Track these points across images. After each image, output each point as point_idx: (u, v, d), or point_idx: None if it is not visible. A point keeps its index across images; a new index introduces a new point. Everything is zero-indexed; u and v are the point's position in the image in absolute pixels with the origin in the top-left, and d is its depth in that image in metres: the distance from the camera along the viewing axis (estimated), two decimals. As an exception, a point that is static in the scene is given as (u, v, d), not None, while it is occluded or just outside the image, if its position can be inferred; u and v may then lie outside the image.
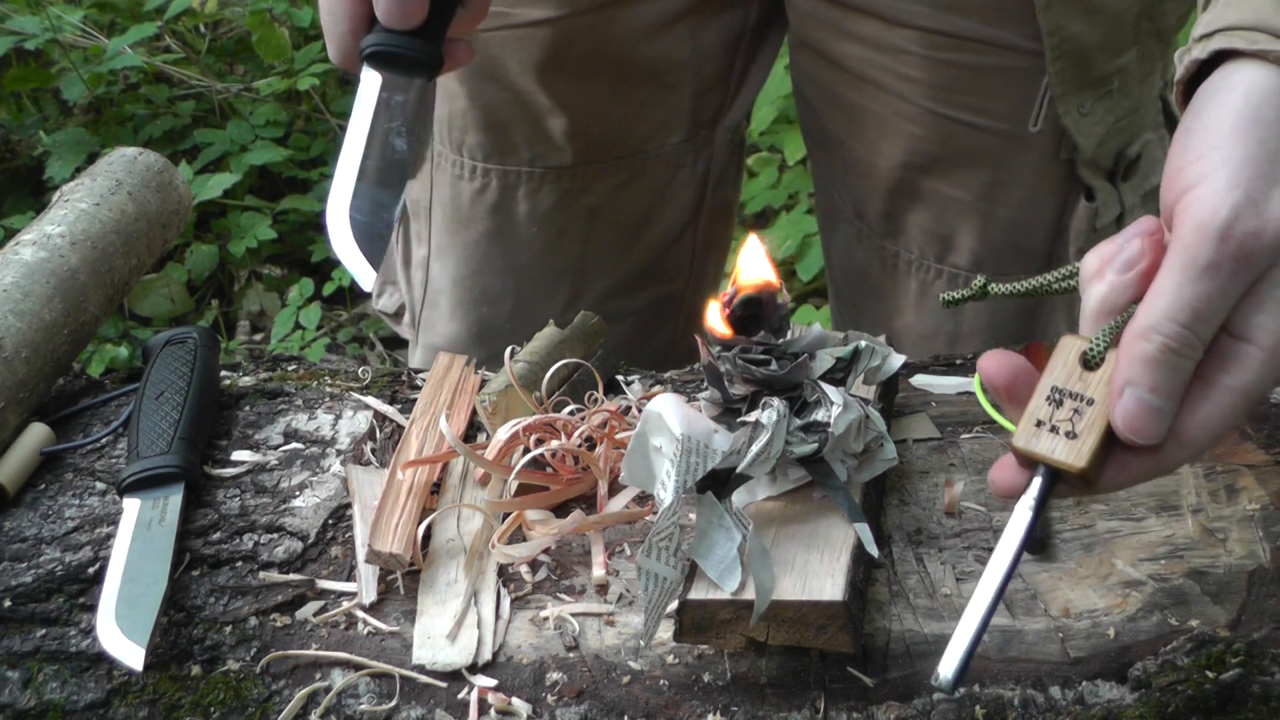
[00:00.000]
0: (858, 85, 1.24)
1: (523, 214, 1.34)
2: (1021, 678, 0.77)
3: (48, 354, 1.00)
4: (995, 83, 1.18)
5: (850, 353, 0.88)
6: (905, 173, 1.25)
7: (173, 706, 0.81)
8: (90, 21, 2.93)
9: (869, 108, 1.24)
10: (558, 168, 1.31)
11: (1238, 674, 0.75)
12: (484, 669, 0.80)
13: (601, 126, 1.30)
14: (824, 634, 0.76)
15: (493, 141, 1.31)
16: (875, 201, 1.29)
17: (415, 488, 0.90)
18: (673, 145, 1.34)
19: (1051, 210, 1.24)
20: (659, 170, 1.35)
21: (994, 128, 1.20)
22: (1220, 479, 0.88)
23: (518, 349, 1.01)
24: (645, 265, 1.41)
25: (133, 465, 0.92)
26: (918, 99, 1.21)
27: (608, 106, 1.30)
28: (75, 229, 1.07)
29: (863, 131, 1.26)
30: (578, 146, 1.30)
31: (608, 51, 1.26)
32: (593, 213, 1.35)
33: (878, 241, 1.31)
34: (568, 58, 1.25)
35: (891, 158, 1.25)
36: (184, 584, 0.87)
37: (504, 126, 1.30)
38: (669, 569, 0.77)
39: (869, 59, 1.21)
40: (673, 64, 1.29)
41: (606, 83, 1.28)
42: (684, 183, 1.38)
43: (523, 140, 1.30)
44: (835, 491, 0.82)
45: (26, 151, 2.88)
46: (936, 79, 1.19)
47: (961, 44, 1.17)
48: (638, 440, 0.82)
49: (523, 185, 1.32)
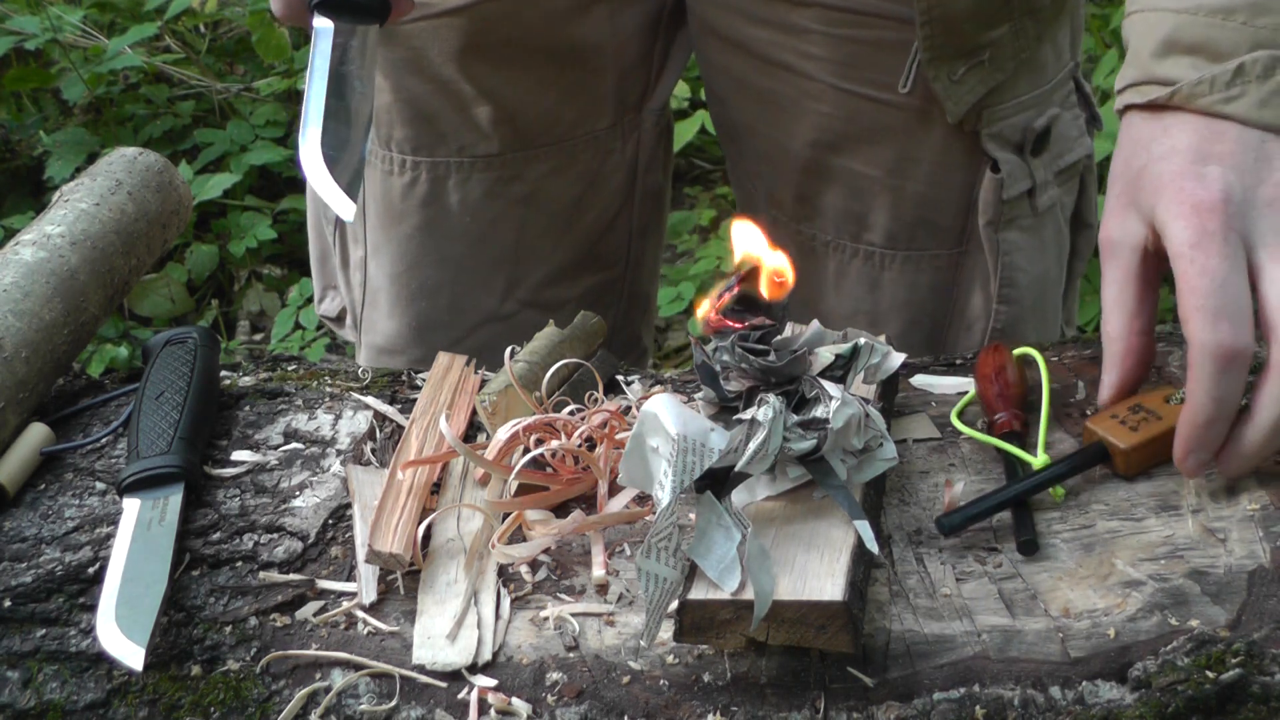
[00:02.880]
0: (765, 69, 1.25)
1: (454, 205, 1.34)
2: (1021, 678, 0.77)
3: (48, 354, 1.00)
4: (895, 57, 1.20)
5: (850, 350, 0.88)
6: (815, 152, 1.27)
7: (173, 706, 0.81)
8: (90, 21, 2.93)
9: (777, 90, 1.26)
10: (486, 156, 1.32)
11: (1238, 674, 0.75)
12: (484, 669, 0.80)
13: (528, 113, 1.31)
14: (824, 634, 0.76)
15: (420, 134, 1.32)
16: (788, 185, 1.31)
17: (415, 488, 0.90)
18: (600, 130, 1.36)
19: (960, 184, 1.26)
20: (588, 156, 1.36)
21: (897, 101, 1.22)
22: (1220, 479, 0.88)
23: (518, 349, 1.01)
24: (581, 253, 1.42)
25: (133, 465, 0.92)
26: (823, 76, 1.23)
27: (532, 92, 1.31)
28: (75, 229, 1.07)
29: (773, 116, 1.28)
30: (504, 134, 1.31)
31: (528, 37, 1.27)
32: (524, 201, 1.36)
33: (793, 226, 1.33)
34: (488, 44, 1.26)
35: (801, 138, 1.27)
36: (184, 584, 0.87)
37: (430, 118, 1.31)
38: (669, 569, 0.77)
39: (775, 41, 1.23)
40: (593, 47, 1.30)
41: (528, 68, 1.29)
42: (614, 168, 1.39)
43: (450, 131, 1.31)
44: (835, 490, 0.82)
45: (26, 151, 2.89)
46: (839, 55, 1.21)
47: (860, 19, 1.19)
48: (634, 441, 0.82)
49: (452, 176, 1.33)
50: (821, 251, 1.32)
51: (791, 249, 1.32)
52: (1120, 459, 0.88)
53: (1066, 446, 0.93)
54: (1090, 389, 0.98)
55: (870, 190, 1.27)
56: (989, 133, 1.22)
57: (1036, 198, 1.26)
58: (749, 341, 0.86)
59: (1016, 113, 1.23)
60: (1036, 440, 0.91)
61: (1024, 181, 1.25)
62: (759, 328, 0.87)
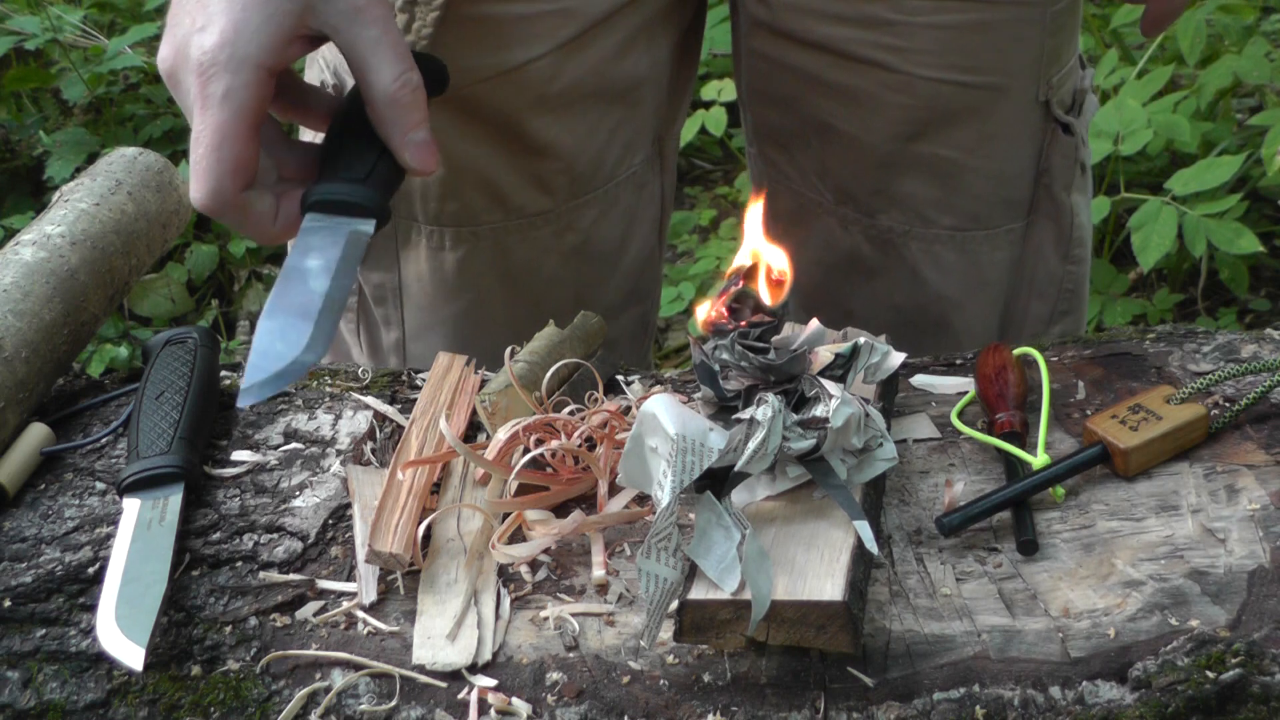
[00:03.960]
0: (846, 65, 1.23)
1: (513, 270, 1.30)
2: (1021, 678, 0.77)
3: (48, 354, 1.00)
4: (985, 37, 1.20)
5: (850, 349, 0.88)
6: (896, 144, 1.26)
7: (173, 706, 0.81)
8: (90, 21, 2.93)
9: (856, 85, 1.24)
10: (544, 212, 1.28)
11: (1238, 674, 0.75)
12: (484, 669, 0.80)
13: (581, 160, 1.28)
14: (824, 634, 0.76)
15: (477, 200, 1.26)
16: (864, 179, 1.29)
17: (415, 488, 0.90)
18: (637, 165, 1.33)
19: (1031, 154, 1.27)
20: (628, 193, 1.34)
21: (977, 82, 1.22)
22: (1220, 479, 0.88)
23: (518, 349, 1.01)
24: (625, 291, 1.39)
25: (133, 465, 0.92)
26: (906, 68, 1.22)
27: (586, 138, 1.27)
28: (75, 229, 1.07)
29: (850, 111, 1.26)
30: (561, 185, 1.27)
31: (584, 82, 1.23)
32: (577, 251, 1.32)
33: (866, 221, 1.31)
34: (550, 94, 1.22)
35: (882, 131, 1.26)
36: (184, 584, 0.87)
37: (489, 182, 1.25)
38: (668, 569, 0.77)
39: (856, 37, 1.21)
40: (636, 83, 1.27)
41: (584, 114, 1.26)
42: (649, 201, 1.37)
43: (510, 190, 1.26)
44: (835, 490, 0.82)
45: (26, 151, 2.88)
46: (928, 44, 1.20)
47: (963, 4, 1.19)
48: (634, 442, 0.82)
49: (511, 237, 1.29)
50: (900, 243, 1.31)
51: (865, 243, 1.33)
52: (1120, 459, 0.88)
53: (1066, 446, 0.93)
54: (1090, 389, 0.98)
55: (950, 172, 1.27)
56: (1056, 99, 1.25)
57: (1081, 156, 1.29)
58: (749, 339, 0.86)
59: (1069, 77, 1.26)
60: (1036, 440, 0.91)
61: (1082, 144, 1.28)
62: (759, 325, 0.87)
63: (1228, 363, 0.98)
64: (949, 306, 1.32)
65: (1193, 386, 0.92)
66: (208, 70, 0.83)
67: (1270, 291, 2.44)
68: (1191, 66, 2.41)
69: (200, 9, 0.85)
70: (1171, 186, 2.14)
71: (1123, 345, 1.02)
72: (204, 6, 0.85)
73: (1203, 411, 0.90)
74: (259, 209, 0.87)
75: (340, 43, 0.87)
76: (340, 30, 0.86)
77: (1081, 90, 1.29)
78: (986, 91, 1.23)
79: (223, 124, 0.83)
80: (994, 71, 1.22)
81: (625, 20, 1.22)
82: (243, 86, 0.83)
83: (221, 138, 0.83)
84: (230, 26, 0.83)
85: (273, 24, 0.84)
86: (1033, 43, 1.21)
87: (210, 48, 0.83)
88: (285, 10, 0.84)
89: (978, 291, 1.32)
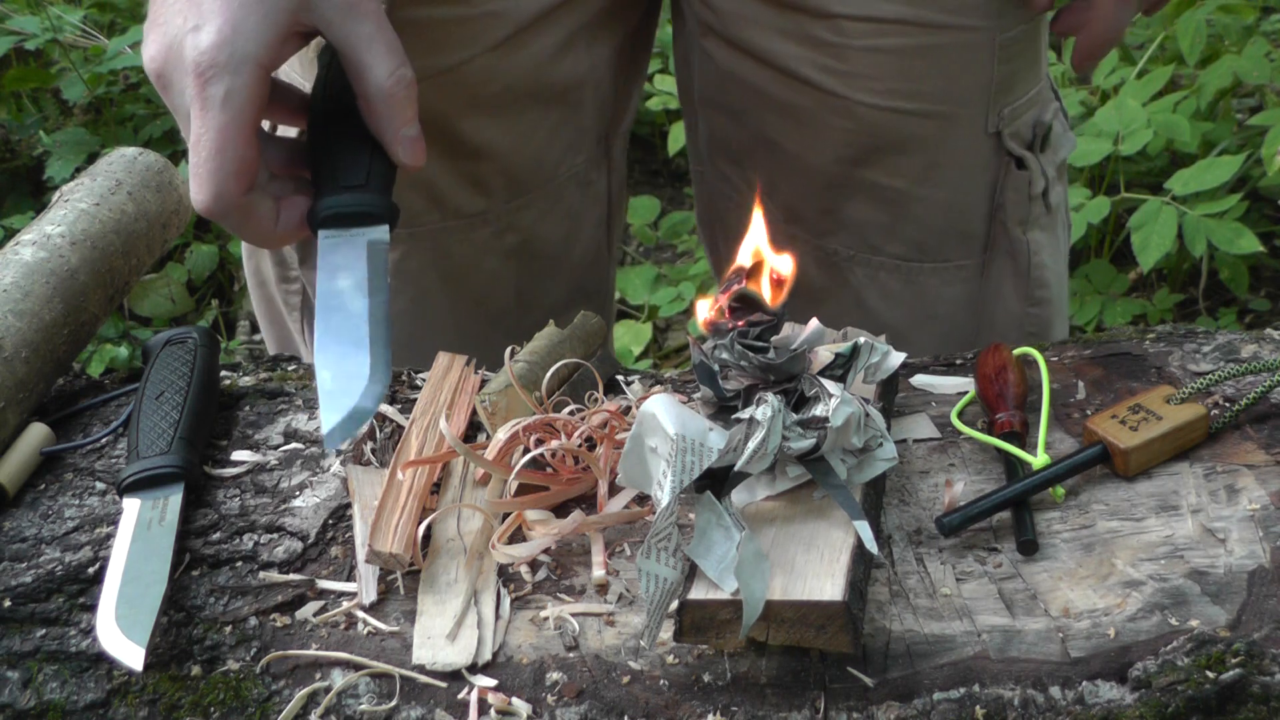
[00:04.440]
0: (789, 84, 1.22)
1: (450, 270, 1.30)
2: (1021, 678, 0.77)
3: (48, 354, 1.00)
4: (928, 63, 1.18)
5: (849, 349, 0.88)
6: (841, 167, 1.24)
7: (173, 706, 0.81)
8: (90, 21, 2.93)
9: (800, 105, 1.22)
10: (481, 213, 1.28)
11: (1238, 674, 0.75)
12: (484, 669, 0.80)
13: (519, 160, 1.27)
14: (824, 634, 0.76)
15: (414, 202, 1.25)
16: (811, 200, 1.27)
17: (415, 488, 0.90)
18: (579, 165, 1.32)
19: (984, 187, 1.24)
20: (571, 192, 1.33)
21: (925, 110, 1.20)
22: (1220, 479, 0.88)
23: (518, 349, 1.01)
24: (572, 290, 1.38)
25: (133, 465, 0.92)
26: (849, 93, 1.19)
27: (523, 138, 1.26)
28: (75, 229, 1.07)
29: (796, 130, 1.24)
30: (498, 185, 1.27)
31: (519, 83, 1.23)
32: (518, 252, 1.32)
33: (814, 242, 1.29)
34: (485, 95, 1.22)
35: (826, 154, 1.24)
36: (184, 584, 0.87)
37: (426, 183, 1.25)
38: (668, 569, 0.77)
39: (802, 56, 1.19)
40: (575, 83, 1.27)
41: (521, 114, 1.25)
42: (594, 200, 1.36)
43: (447, 191, 1.26)
44: (835, 489, 0.82)
45: (26, 151, 2.88)
46: (874, 69, 1.18)
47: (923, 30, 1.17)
48: (633, 442, 0.82)
49: (450, 238, 1.28)
50: (845, 267, 1.29)
51: (813, 266, 1.30)
52: (1120, 459, 0.89)
53: (1066, 446, 0.93)
54: (1090, 389, 0.98)
55: (897, 201, 1.24)
56: (1010, 131, 1.22)
57: (1049, 195, 1.26)
58: (748, 339, 0.86)
59: (1028, 109, 1.23)
60: (1036, 440, 0.91)
61: (1040, 179, 1.24)
62: (758, 323, 0.87)
63: (1228, 363, 0.98)
64: (894, 338, 1.29)
65: (1193, 386, 0.92)
66: (206, 71, 0.82)
67: (1270, 291, 2.44)
68: (1191, 66, 2.41)
69: (192, 7, 0.83)
70: (1171, 186, 2.14)
71: (1123, 345, 1.02)
72: (196, 5, 0.83)
73: (1203, 411, 0.90)
74: (261, 211, 0.87)
75: (334, 38, 0.86)
76: (334, 25, 0.86)
77: (1044, 124, 1.25)
78: (932, 120, 1.20)
79: (225, 126, 0.82)
80: (939, 99, 1.19)
81: (560, 23, 1.22)
82: (243, 87, 0.82)
83: (224, 140, 0.82)
84: (228, 25, 0.82)
85: (270, 22, 0.83)
86: (981, 71, 1.19)
87: (208, 48, 0.82)
88: (281, 7, 0.84)
89: (925, 324, 1.29)
